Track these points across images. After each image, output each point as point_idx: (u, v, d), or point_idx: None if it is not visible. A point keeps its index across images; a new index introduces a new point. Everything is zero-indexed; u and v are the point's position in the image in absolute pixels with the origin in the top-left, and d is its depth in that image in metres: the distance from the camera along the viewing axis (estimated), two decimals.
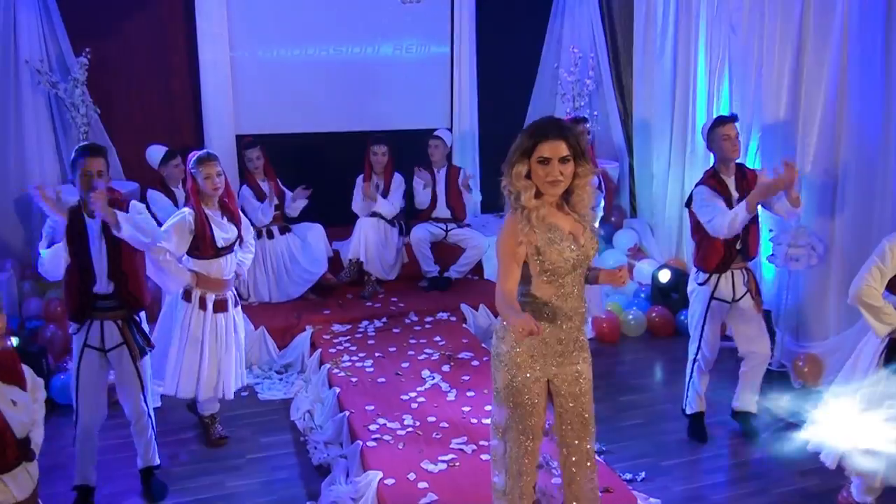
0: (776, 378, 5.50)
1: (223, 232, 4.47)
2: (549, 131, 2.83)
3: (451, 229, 6.65)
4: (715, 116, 5.05)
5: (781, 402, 4.96)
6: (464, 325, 6.04)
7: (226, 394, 4.65)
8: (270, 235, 6.33)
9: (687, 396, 4.80)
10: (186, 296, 4.48)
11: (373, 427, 4.41)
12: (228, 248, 4.52)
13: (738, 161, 4.59)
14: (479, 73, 7.59)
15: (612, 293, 6.71)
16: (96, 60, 6.16)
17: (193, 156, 4.48)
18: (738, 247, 4.48)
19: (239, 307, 4.75)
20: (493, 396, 3.14)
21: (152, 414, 4.18)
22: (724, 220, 4.31)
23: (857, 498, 3.76)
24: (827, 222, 5.27)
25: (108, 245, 3.82)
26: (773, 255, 5.32)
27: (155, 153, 5.94)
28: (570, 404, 3.05)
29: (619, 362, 5.92)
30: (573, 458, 3.10)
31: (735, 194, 4.46)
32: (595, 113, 7.35)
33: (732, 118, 4.54)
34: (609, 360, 5.93)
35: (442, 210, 6.64)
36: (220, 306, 4.55)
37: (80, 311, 3.86)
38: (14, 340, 4.75)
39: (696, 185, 4.56)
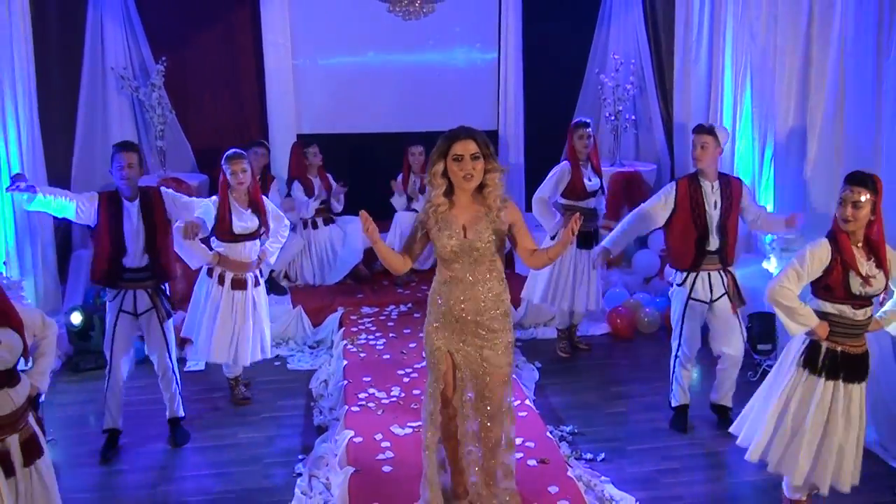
0: None
1: (242, 221, 5.07)
2: (461, 133, 3.32)
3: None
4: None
5: None
6: None
7: (241, 361, 5.25)
8: (315, 226, 7.01)
9: (671, 390, 5.06)
10: (209, 272, 5.15)
11: (362, 395, 4.97)
12: (248, 236, 5.09)
13: (724, 172, 4.86)
14: (525, 79, 7.96)
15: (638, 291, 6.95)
16: (174, 67, 7.06)
17: (226, 152, 5.14)
18: (710, 248, 4.70)
19: (260, 288, 5.28)
20: None
21: (177, 370, 4.88)
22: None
23: (787, 494, 3.93)
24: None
25: (145, 226, 4.56)
26: (768, 258, 5.46)
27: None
28: (472, 381, 3.46)
29: (625, 356, 6.18)
30: (473, 437, 3.50)
31: (712, 201, 4.67)
32: (632, 117, 7.58)
33: (705, 129, 4.74)
34: (615, 354, 6.22)
35: None
36: (238, 284, 5.13)
37: (109, 278, 4.58)
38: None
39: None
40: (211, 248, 5.09)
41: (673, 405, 5.04)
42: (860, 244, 3.63)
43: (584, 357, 6.18)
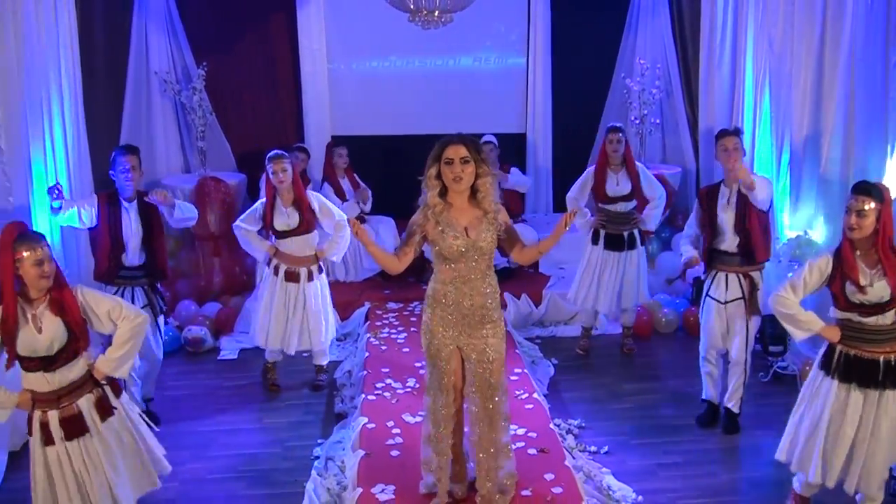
0: (788, 381, 5.70)
1: (283, 219, 5.38)
2: (452, 139, 3.56)
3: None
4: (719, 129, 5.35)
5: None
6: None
7: (286, 349, 5.58)
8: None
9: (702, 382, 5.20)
10: (268, 263, 5.53)
11: (379, 385, 5.25)
12: (291, 232, 5.38)
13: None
14: (553, 83, 8.16)
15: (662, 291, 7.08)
16: (214, 71, 7.43)
17: (269, 153, 5.45)
18: (723, 248, 4.84)
19: (315, 283, 5.52)
20: None
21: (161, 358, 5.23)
22: None
23: (797, 489, 4.09)
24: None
25: (143, 225, 4.91)
26: (780, 261, 5.56)
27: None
28: (479, 370, 3.71)
29: (640, 355, 6.30)
30: (480, 417, 3.75)
31: (730, 209, 4.77)
32: (657, 120, 7.71)
33: (733, 131, 4.85)
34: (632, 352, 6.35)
35: None
36: (291, 277, 5.45)
37: (108, 274, 4.89)
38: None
39: None
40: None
41: (702, 398, 5.18)
42: (866, 253, 3.71)
43: (600, 355, 6.33)
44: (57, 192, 4.81)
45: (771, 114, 6.24)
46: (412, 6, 5.28)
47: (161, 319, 5.16)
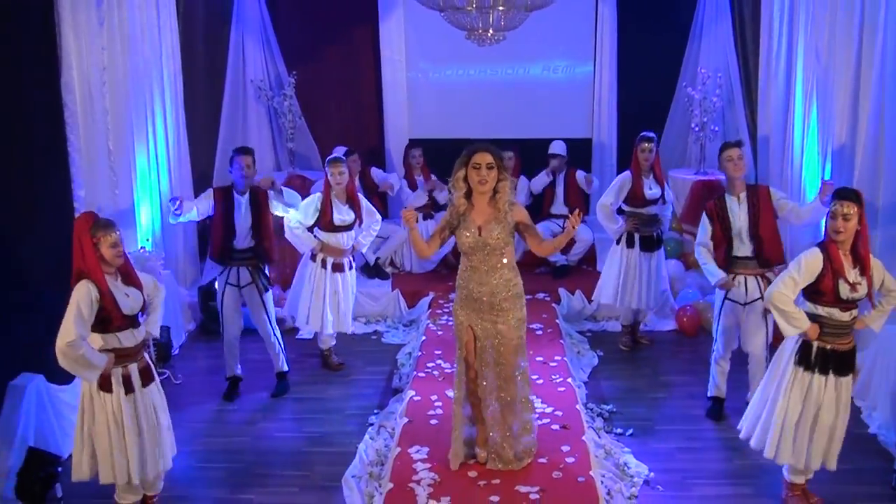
0: None
1: (340, 214, 6.03)
2: (480, 147, 4.13)
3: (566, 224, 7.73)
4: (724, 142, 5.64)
5: None
6: (553, 305, 7.17)
7: (344, 329, 6.24)
8: (416, 220, 7.94)
9: (709, 382, 5.56)
10: (313, 257, 6.15)
11: (430, 364, 5.86)
12: (345, 227, 6.03)
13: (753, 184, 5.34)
14: (619, 90, 8.53)
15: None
16: (303, 79, 8.22)
17: (328, 157, 6.15)
18: (740, 254, 5.19)
19: (352, 272, 6.21)
20: None
21: (278, 334, 5.91)
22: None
23: (787, 478, 4.43)
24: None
25: (252, 213, 5.63)
26: None
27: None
28: (489, 349, 4.28)
29: (684, 351, 6.66)
30: (494, 393, 4.31)
31: (741, 215, 5.15)
32: (716, 128, 7.96)
33: (736, 143, 5.28)
34: (676, 349, 6.72)
35: (559, 207, 7.80)
36: (337, 268, 6.11)
37: (222, 256, 5.67)
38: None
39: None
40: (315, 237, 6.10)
41: (708, 395, 5.54)
42: (846, 253, 4.05)
43: (646, 350, 6.71)
44: (178, 204, 5.50)
45: (818, 124, 6.44)
46: (468, 26, 5.84)
47: (268, 296, 5.78)
